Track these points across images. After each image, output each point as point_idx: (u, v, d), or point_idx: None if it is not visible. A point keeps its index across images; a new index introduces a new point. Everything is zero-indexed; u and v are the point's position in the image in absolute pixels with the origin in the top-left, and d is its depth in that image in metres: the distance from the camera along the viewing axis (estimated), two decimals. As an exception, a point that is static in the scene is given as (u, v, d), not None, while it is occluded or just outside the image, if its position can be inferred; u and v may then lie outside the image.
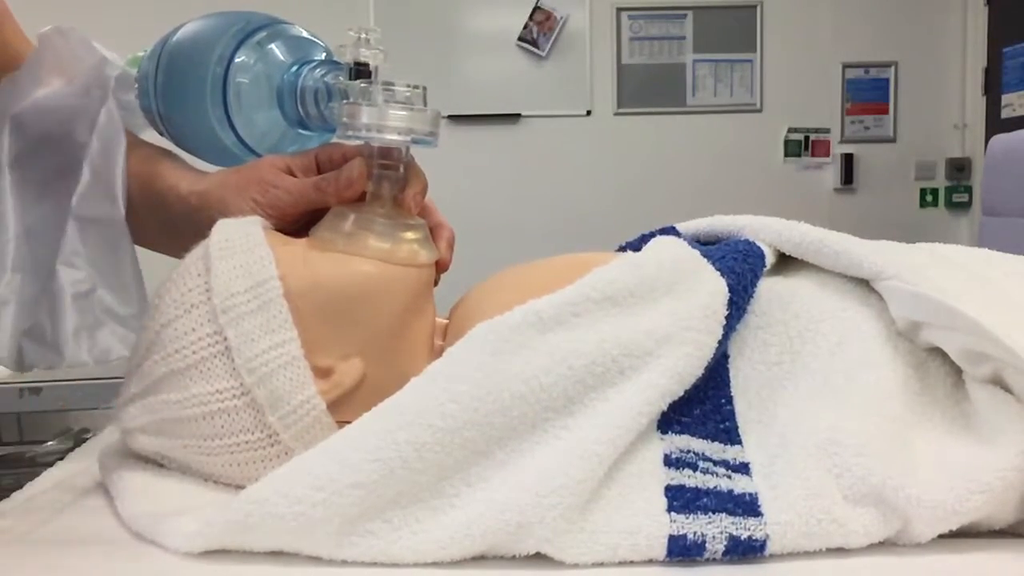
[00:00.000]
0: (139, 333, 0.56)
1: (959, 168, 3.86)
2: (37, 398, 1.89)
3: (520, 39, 3.67)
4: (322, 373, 0.52)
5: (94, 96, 0.64)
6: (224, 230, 0.55)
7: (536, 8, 3.66)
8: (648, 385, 0.48)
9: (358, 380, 0.53)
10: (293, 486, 0.44)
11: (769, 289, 0.55)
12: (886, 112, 3.87)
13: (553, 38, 3.67)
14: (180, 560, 0.46)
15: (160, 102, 0.67)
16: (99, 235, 0.62)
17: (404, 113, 0.56)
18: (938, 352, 0.52)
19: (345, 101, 0.58)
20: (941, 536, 0.46)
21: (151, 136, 0.70)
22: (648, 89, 3.71)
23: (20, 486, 0.60)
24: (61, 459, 0.68)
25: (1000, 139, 2.01)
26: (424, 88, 0.57)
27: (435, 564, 0.44)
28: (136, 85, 0.68)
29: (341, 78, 0.61)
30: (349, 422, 0.47)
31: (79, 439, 2.17)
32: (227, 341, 0.51)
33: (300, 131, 0.68)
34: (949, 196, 3.89)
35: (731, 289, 0.52)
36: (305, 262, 0.55)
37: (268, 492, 0.44)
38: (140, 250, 0.67)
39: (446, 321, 0.60)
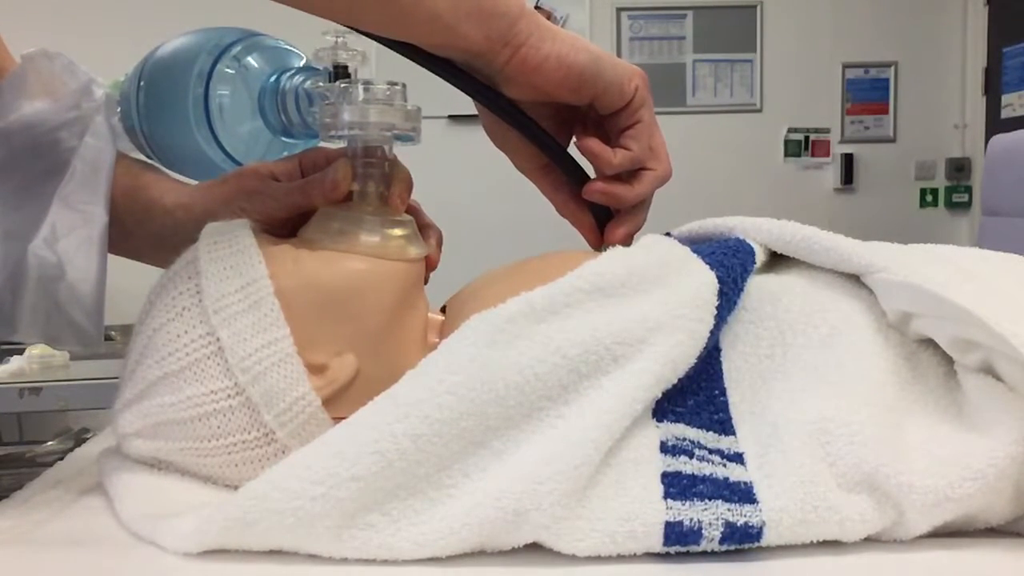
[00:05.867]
0: (131, 338, 0.56)
1: (959, 168, 3.86)
2: (37, 398, 1.89)
3: (520, 39, 3.67)
4: (316, 370, 0.53)
5: (85, 109, 0.64)
6: (213, 233, 0.56)
7: (536, 8, 3.66)
8: (642, 371, 0.49)
9: (352, 376, 0.53)
10: (291, 481, 0.44)
11: (760, 286, 0.56)
12: (886, 112, 3.87)
13: (553, 38, 3.67)
14: (179, 560, 0.46)
15: (144, 123, 0.68)
16: (78, 230, 0.62)
17: (385, 109, 0.57)
18: (929, 343, 0.52)
19: (326, 102, 0.58)
20: (938, 534, 0.46)
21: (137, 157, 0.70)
22: (648, 89, 3.70)
23: (20, 486, 0.60)
24: (61, 459, 0.68)
25: (1000, 139, 2.01)
26: (403, 85, 0.58)
27: (434, 559, 0.45)
28: (119, 108, 0.68)
29: (320, 83, 0.62)
30: (344, 418, 0.48)
31: (79, 439, 2.17)
32: (220, 341, 0.51)
33: (285, 140, 0.69)
34: (949, 196, 3.89)
35: (720, 281, 0.53)
36: (295, 260, 0.55)
37: (266, 488, 0.45)
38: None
39: (440, 317, 0.60)
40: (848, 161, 3.83)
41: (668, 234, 0.64)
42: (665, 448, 0.48)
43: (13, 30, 0.70)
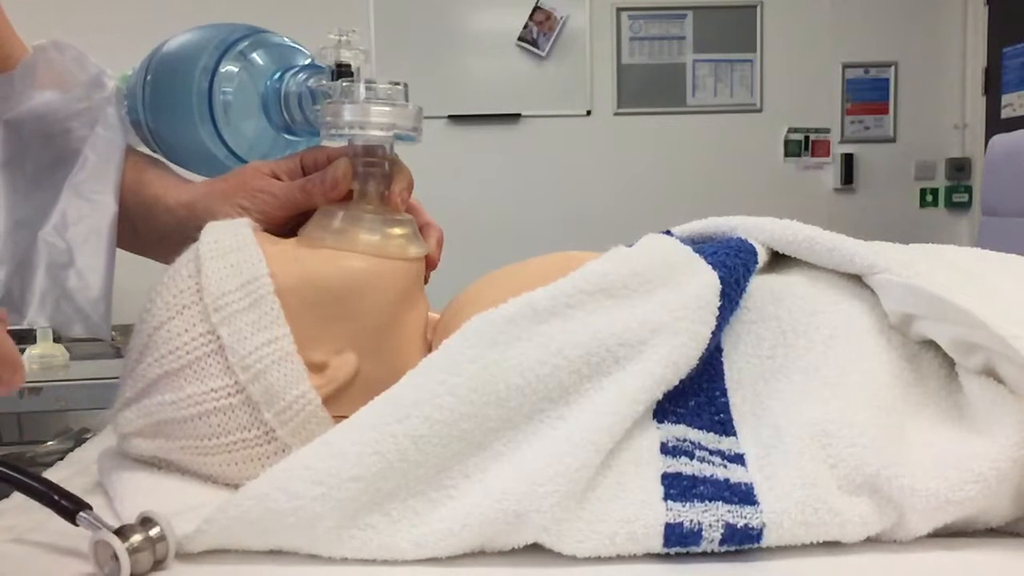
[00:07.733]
0: (132, 337, 0.56)
1: (959, 168, 3.86)
2: (37, 398, 1.89)
3: (520, 39, 3.67)
4: (316, 368, 0.53)
5: (95, 99, 0.64)
6: (214, 231, 0.56)
7: (536, 8, 3.66)
8: (643, 373, 0.49)
9: (352, 374, 0.54)
10: (292, 481, 0.45)
11: (762, 286, 0.56)
12: (886, 112, 3.87)
13: (553, 38, 3.67)
14: (179, 560, 0.46)
15: (149, 117, 0.68)
16: (87, 219, 0.63)
17: (386, 109, 0.57)
18: (931, 345, 0.52)
19: (328, 101, 0.58)
20: (938, 534, 0.46)
21: (142, 151, 0.71)
22: (648, 89, 3.71)
23: (20, 486, 0.60)
24: (61, 459, 0.68)
25: (1000, 139, 2.01)
26: (405, 84, 0.58)
27: (434, 559, 0.45)
28: (125, 101, 0.68)
29: (324, 81, 0.62)
30: (345, 417, 0.48)
31: (79, 439, 2.17)
32: (220, 340, 0.51)
33: (288, 137, 0.69)
34: (949, 196, 3.89)
35: (723, 281, 0.53)
36: (295, 259, 0.55)
37: (267, 488, 0.45)
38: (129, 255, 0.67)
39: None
40: (848, 161, 3.83)
41: (669, 232, 0.64)
42: (666, 449, 0.48)
43: (24, 21, 0.70)
